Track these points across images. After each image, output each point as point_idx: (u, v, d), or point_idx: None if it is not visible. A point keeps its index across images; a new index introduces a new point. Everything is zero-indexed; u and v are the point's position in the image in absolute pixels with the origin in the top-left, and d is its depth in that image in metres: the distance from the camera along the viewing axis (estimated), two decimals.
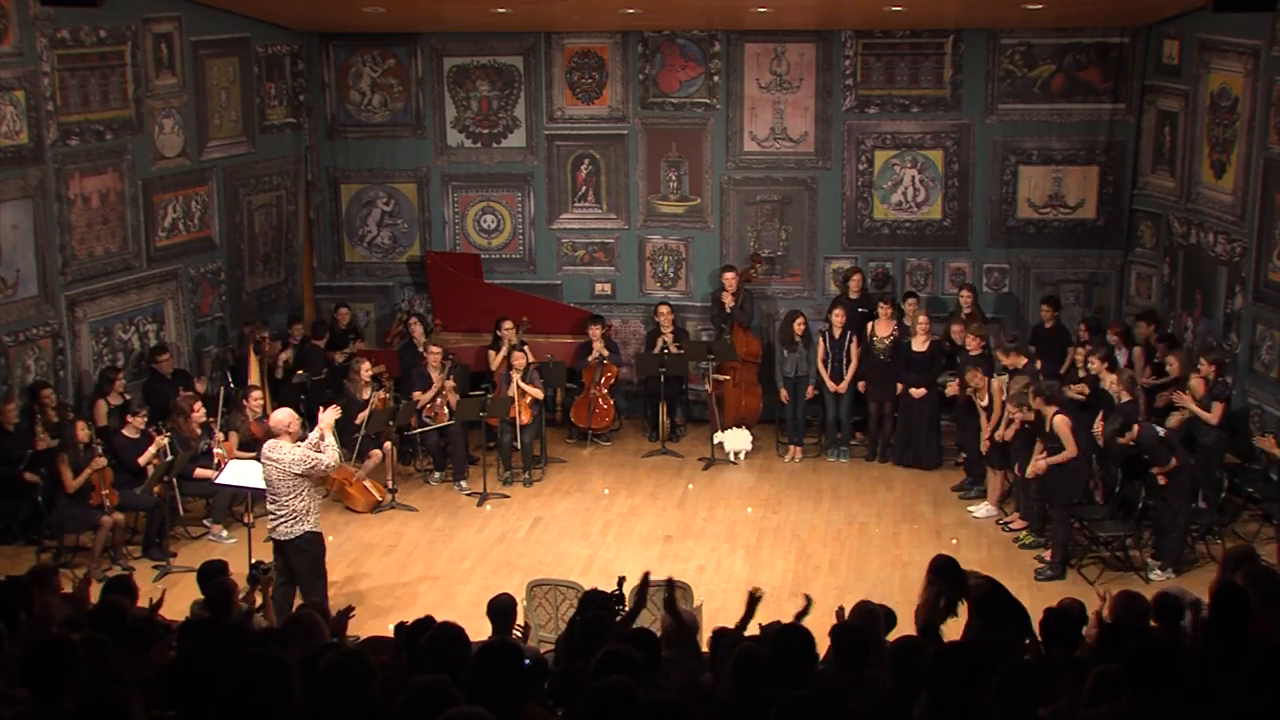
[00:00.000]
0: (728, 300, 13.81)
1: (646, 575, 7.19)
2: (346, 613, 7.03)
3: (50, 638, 5.21)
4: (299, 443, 9.12)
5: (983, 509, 11.92)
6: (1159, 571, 10.38)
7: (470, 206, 14.99)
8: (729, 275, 13.87)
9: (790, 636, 5.44)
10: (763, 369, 14.02)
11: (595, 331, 13.88)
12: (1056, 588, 9.91)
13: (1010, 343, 11.93)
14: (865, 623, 6.30)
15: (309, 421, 13.11)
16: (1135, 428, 10.48)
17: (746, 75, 14.30)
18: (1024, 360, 11.72)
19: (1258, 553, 7.37)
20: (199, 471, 11.32)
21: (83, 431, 10.65)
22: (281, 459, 8.96)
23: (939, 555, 7.58)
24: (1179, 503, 10.30)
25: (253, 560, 8.64)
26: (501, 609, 7.03)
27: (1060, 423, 10.46)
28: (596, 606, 6.82)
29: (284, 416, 9.26)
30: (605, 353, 13.89)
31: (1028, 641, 6.71)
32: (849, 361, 13.23)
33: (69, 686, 4.77)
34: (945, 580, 7.24)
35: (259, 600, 7.92)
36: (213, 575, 7.47)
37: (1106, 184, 14.05)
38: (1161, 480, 10.27)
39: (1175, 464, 10.25)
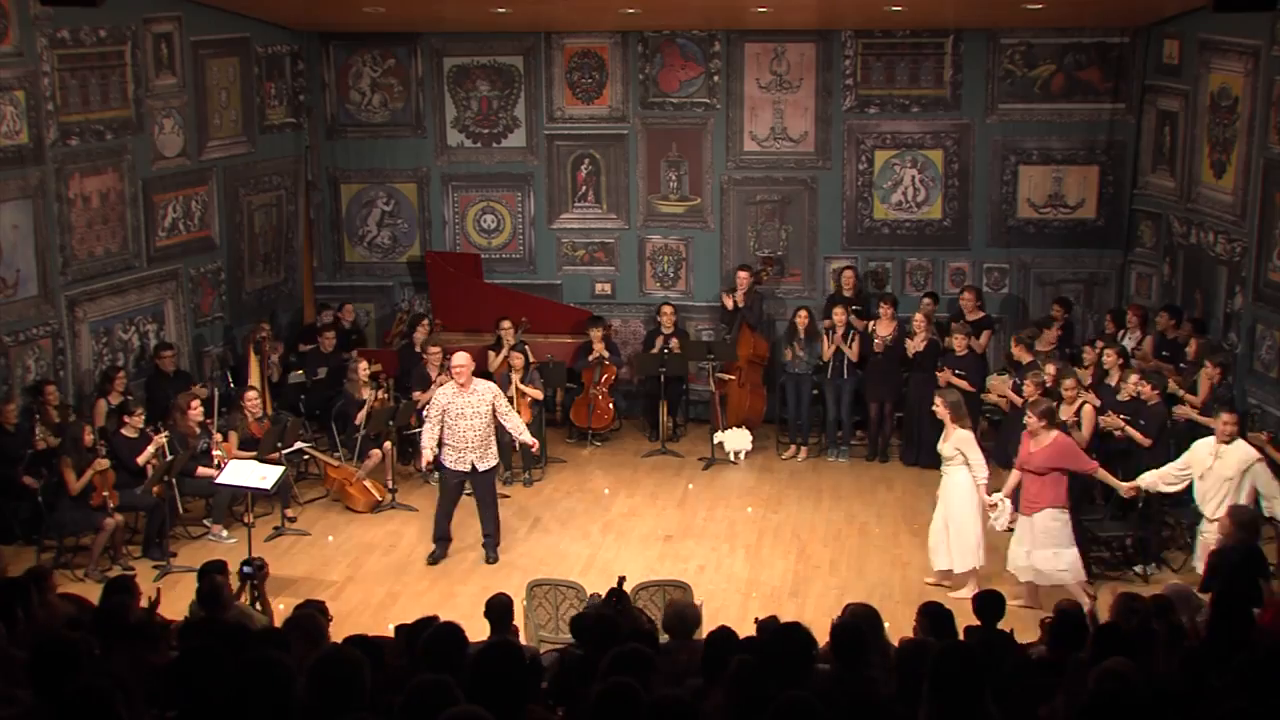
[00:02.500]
0: (728, 301, 13.81)
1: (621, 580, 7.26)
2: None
3: (51, 638, 5.20)
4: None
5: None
6: (1153, 569, 10.43)
7: (470, 206, 14.99)
8: (741, 274, 13.86)
9: (788, 634, 5.43)
10: (769, 371, 14.03)
11: (596, 334, 13.88)
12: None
13: (1028, 338, 11.97)
14: (863, 622, 6.30)
15: (310, 421, 13.22)
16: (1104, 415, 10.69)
17: (746, 75, 14.29)
18: (1030, 357, 11.75)
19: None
20: (200, 470, 11.33)
21: (88, 435, 10.66)
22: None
23: None
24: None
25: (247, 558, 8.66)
26: (500, 608, 7.03)
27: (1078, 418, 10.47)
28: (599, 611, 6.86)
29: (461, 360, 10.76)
30: (605, 353, 13.89)
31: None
32: (849, 358, 13.22)
33: (69, 686, 4.76)
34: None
35: (245, 598, 7.92)
36: (205, 574, 7.49)
37: (1106, 184, 14.05)
38: (1138, 437, 10.40)
39: (1150, 443, 10.35)
